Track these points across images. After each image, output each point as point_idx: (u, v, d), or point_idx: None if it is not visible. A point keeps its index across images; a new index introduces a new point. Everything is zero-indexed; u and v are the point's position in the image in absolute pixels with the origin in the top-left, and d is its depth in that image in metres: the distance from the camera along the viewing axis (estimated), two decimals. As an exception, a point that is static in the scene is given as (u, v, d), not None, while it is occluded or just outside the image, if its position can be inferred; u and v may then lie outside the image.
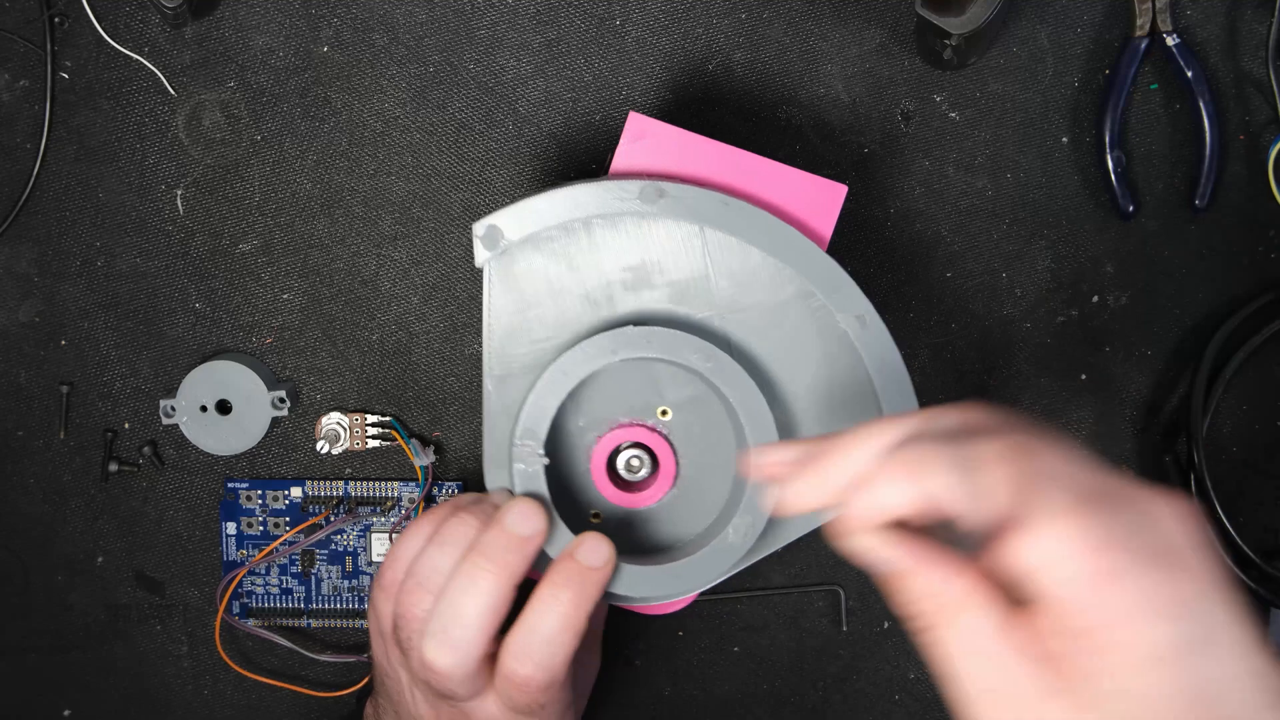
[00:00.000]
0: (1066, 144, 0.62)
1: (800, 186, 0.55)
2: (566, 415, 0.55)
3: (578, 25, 0.62)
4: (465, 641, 0.48)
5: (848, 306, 0.54)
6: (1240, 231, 0.62)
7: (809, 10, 0.62)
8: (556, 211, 0.53)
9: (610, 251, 0.54)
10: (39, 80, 0.62)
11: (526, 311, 0.54)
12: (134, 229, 0.63)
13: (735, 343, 0.54)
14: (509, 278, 0.54)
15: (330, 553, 0.65)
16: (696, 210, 0.53)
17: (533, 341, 0.54)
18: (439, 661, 0.48)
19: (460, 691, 0.50)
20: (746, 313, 0.54)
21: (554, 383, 0.53)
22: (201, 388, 0.62)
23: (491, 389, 0.54)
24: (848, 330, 0.54)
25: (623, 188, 0.53)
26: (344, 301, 0.64)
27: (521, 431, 0.53)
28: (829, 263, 0.53)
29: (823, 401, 0.55)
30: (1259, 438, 0.63)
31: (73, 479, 0.65)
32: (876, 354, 0.54)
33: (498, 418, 0.54)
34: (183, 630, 0.65)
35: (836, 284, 0.54)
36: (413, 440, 0.63)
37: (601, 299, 0.54)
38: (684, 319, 0.54)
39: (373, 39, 0.62)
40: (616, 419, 0.56)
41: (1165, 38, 0.60)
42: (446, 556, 0.50)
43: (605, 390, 0.55)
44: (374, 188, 0.63)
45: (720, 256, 0.54)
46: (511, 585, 0.50)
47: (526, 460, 0.53)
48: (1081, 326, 0.63)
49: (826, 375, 0.55)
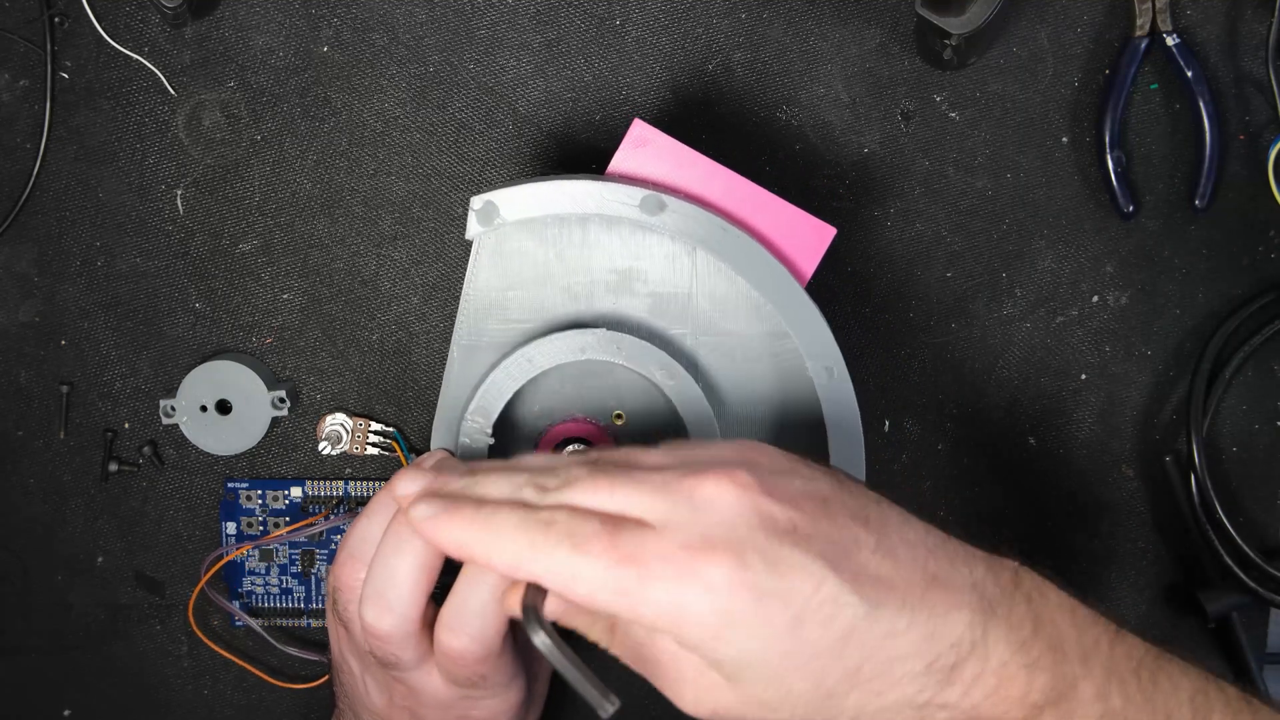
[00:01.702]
0: (1066, 144, 0.62)
1: (790, 221, 0.55)
2: (522, 399, 0.56)
3: (578, 25, 0.62)
4: (400, 601, 0.49)
5: (820, 356, 0.54)
6: (1240, 231, 0.62)
7: (809, 10, 0.62)
8: (557, 202, 0.53)
9: (601, 251, 0.54)
10: (39, 80, 0.62)
11: (507, 291, 0.55)
12: (134, 229, 0.63)
13: (701, 364, 0.55)
14: (496, 254, 0.54)
15: (330, 553, 0.65)
16: (694, 230, 0.53)
17: (506, 320, 0.55)
18: (379, 624, 0.49)
19: (404, 656, 0.50)
20: (719, 338, 0.55)
21: (517, 367, 0.53)
22: (201, 388, 0.62)
23: (456, 356, 0.55)
24: (814, 378, 0.54)
25: (627, 193, 0.53)
26: (344, 301, 0.64)
27: (474, 408, 0.54)
28: (811, 308, 0.54)
29: (773, 436, 0.55)
30: (1259, 438, 0.63)
31: (73, 479, 0.65)
32: (836, 406, 0.54)
33: (456, 385, 0.55)
34: (183, 630, 0.65)
35: (814, 331, 0.54)
36: (412, 455, 0.63)
37: (582, 295, 0.54)
38: (658, 331, 0.55)
39: (373, 39, 0.62)
40: (570, 413, 0.56)
41: (1165, 38, 0.60)
42: (375, 525, 0.51)
43: (565, 383, 0.56)
44: (374, 188, 0.63)
45: (706, 279, 0.54)
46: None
47: (472, 436, 0.54)
48: (1081, 326, 0.63)
49: (782, 416, 0.55)
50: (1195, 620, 0.64)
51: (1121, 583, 0.64)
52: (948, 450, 0.64)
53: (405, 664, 0.50)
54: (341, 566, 0.52)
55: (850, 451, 0.54)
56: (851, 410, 0.54)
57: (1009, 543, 0.53)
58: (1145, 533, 0.64)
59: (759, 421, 0.55)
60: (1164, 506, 0.64)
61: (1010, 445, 0.64)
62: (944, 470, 0.64)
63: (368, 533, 0.51)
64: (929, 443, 0.64)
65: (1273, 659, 0.65)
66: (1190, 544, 0.64)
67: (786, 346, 0.54)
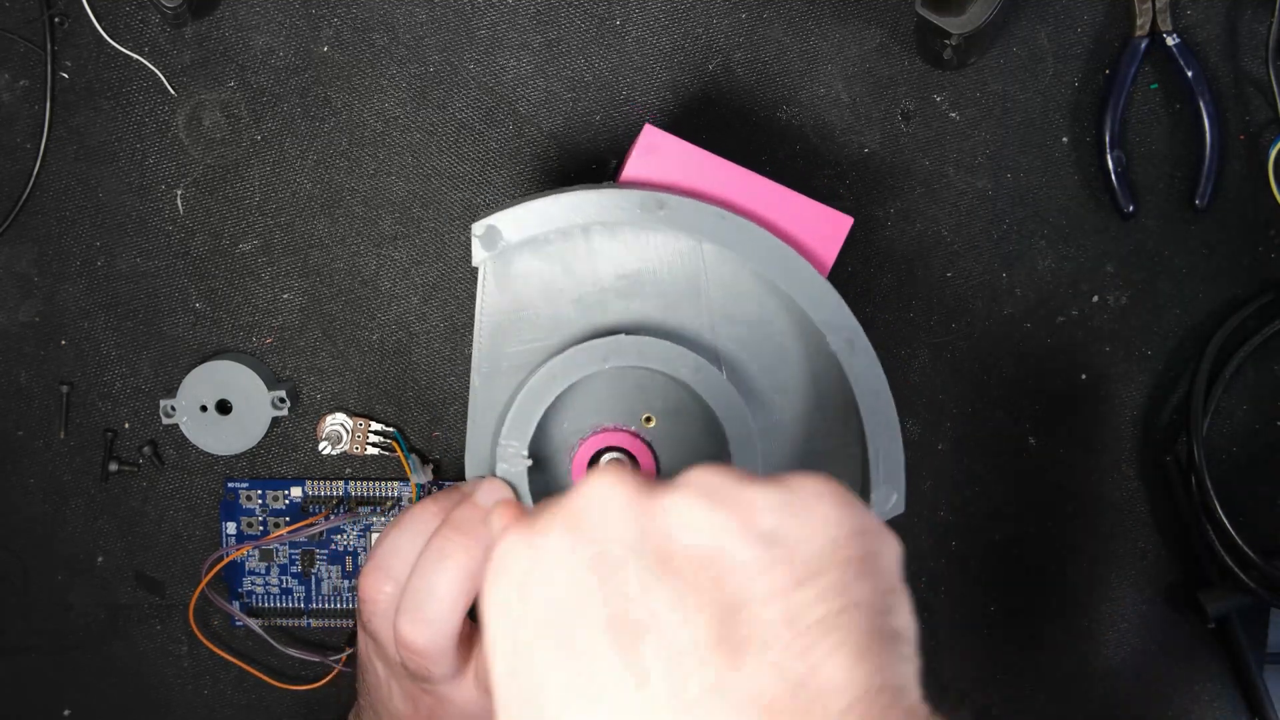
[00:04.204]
0: (1066, 144, 0.62)
1: (808, 214, 0.55)
2: (551, 417, 0.56)
3: (578, 25, 0.62)
4: (439, 616, 0.48)
5: (838, 329, 0.54)
6: (1240, 231, 0.62)
7: (809, 10, 0.62)
8: (556, 216, 0.53)
9: (607, 259, 0.54)
10: (39, 80, 0.62)
11: (519, 312, 0.54)
12: (134, 229, 0.63)
13: (724, 356, 0.55)
14: (504, 278, 0.54)
15: (330, 553, 0.65)
16: (695, 224, 0.53)
17: (523, 342, 0.54)
18: (414, 638, 0.49)
19: (436, 671, 0.50)
20: (737, 327, 0.54)
21: (542, 386, 0.53)
22: (201, 388, 0.62)
23: (479, 385, 0.54)
24: (836, 352, 0.54)
25: (624, 197, 0.53)
26: (344, 301, 0.64)
27: (506, 432, 0.53)
28: (823, 284, 0.54)
29: (807, 418, 0.55)
30: (1259, 438, 0.63)
31: (73, 479, 0.65)
32: (862, 377, 0.54)
33: (483, 414, 0.54)
34: (183, 630, 0.65)
35: (829, 306, 0.54)
36: (412, 455, 0.63)
37: (594, 305, 0.54)
38: (675, 330, 0.54)
39: (373, 39, 0.62)
40: (601, 423, 0.56)
41: (1165, 38, 0.60)
42: (406, 540, 0.51)
43: (592, 395, 0.55)
44: (374, 188, 0.63)
45: (715, 270, 0.54)
46: (484, 558, 0.50)
47: (510, 460, 0.53)
48: (1081, 326, 0.63)
49: (814, 394, 0.55)
50: (1195, 620, 0.64)
51: (1121, 583, 0.64)
52: (948, 450, 0.64)
53: (437, 678, 0.50)
54: (367, 578, 0.51)
55: (883, 421, 0.54)
56: (878, 379, 0.54)
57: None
58: (1145, 533, 0.64)
59: (791, 403, 0.55)
60: (1164, 506, 0.64)
61: (1010, 445, 0.64)
62: (944, 470, 0.64)
63: (398, 545, 0.51)
64: (929, 443, 0.64)
65: (1273, 659, 0.65)
66: (1190, 544, 0.64)
67: (805, 326, 0.54)
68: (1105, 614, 0.65)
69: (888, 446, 0.54)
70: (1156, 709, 0.65)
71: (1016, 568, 0.65)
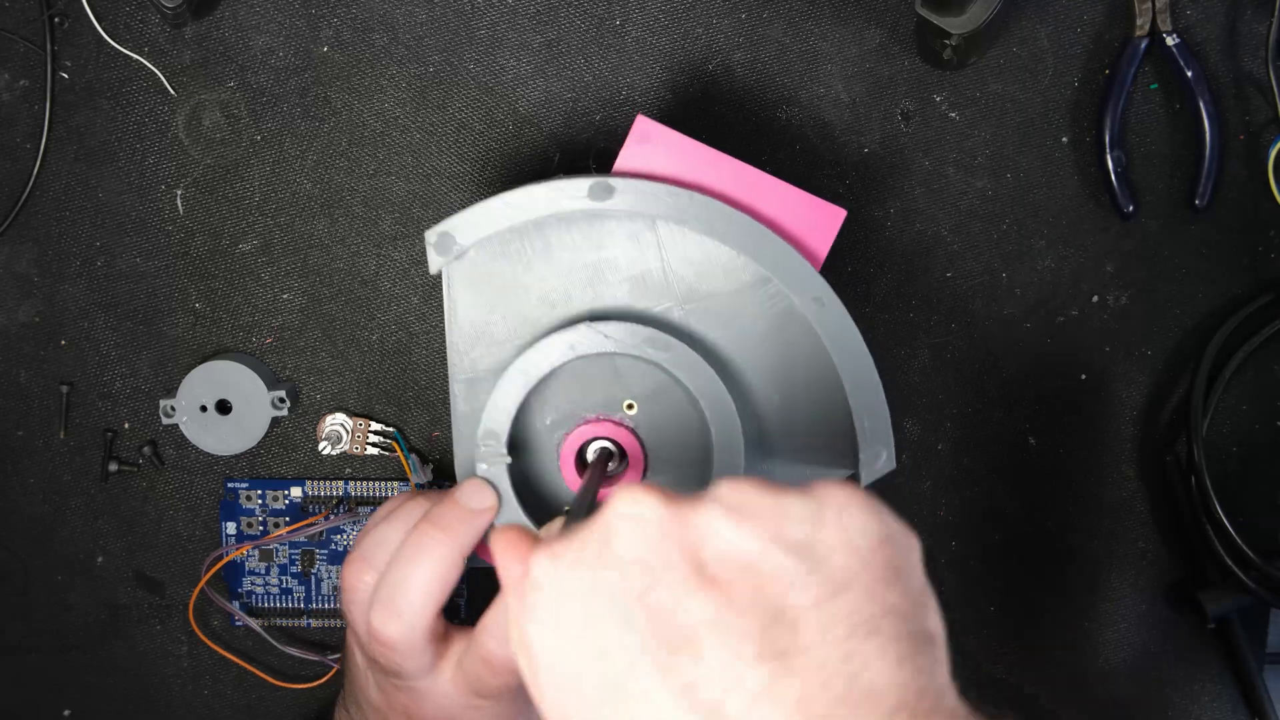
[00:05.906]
0: (1066, 144, 0.62)
1: (801, 206, 0.55)
2: (533, 414, 0.56)
3: (578, 25, 0.62)
4: (411, 610, 0.48)
5: (804, 289, 0.53)
6: (1240, 231, 0.62)
7: (809, 10, 0.62)
8: (508, 214, 0.53)
9: (565, 250, 0.54)
10: (39, 80, 0.62)
11: (488, 314, 0.54)
12: (134, 229, 0.63)
13: (695, 333, 0.54)
14: (467, 282, 0.54)
15: (330, 553, 0.65)
16: (647, 204, 0.53)
17: (495, 344, 0.54)
18: (385, 630, 0.49)
19: (407, 666, 0.50)
20: (705, 301, 0.54)
21: (513, 383, 0.53)
22: (201, 388, 0.62)
23: (459, 394, 0.55)
24: (806, 313, 0.53)
25: (573, 185, 0.53)
26: (344, 301, 0.64)
27: (483, 433, 0.53)
28: (784, 247, 0.53)
29: (784, 385, 0.55)
30: (1259, 438, 0.63)
31: (73, 479, 0.65)
32: (836, 335, 0.53)
33: (465, 422, 0.55)
34: (183, 630, 0.65)
35: (792, 268, 0.53)
36: (412, 455, 0.63)
37: (559, 298, 0.54)
38: (642, 312, 0.54)
39: (373, 39, 0.62)
40: (583, 415, 0.56)
41: (1165, 38, 0.60)
42: (393, 530, 0.51)
43: (570, 387, 0.55)
44: (374, 188, 0.63)
45: (674, 248, 0.54)
46: (460, 556, 0.50)
47: (489, 460, 0.53)
48: (1081, 326, 0.63)
49: (788, 359, 0.54)
50: (1195, 620, 0.64)
51: (1121, 583, 0.64)
52: (948, 450, 0.64)
53: (407, 674, 0.50)
54: (349, 566, 0.52)
55: (862, 374, 0.53)
56: (852, 334, 0.53)
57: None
58: (1145, 533, 0.64)
59: (767, 371, 0.54)
60: (1164, 506, 0.64)
61: (1010, 445, 0.64)
62: (944, 470, 0.64)
63: (384, 536, 0.51)
64: (929, 443, 0.64)
65: (1273, 659, 0.65)
66: (1190, 544, 0.64)
67: (771, 291, 0.54)
68: (1105, 614, 0.65)
69: (870, 402, 0.53)
70: (1156, 709, 0.65)
71: (1016, 568, 0.65)
